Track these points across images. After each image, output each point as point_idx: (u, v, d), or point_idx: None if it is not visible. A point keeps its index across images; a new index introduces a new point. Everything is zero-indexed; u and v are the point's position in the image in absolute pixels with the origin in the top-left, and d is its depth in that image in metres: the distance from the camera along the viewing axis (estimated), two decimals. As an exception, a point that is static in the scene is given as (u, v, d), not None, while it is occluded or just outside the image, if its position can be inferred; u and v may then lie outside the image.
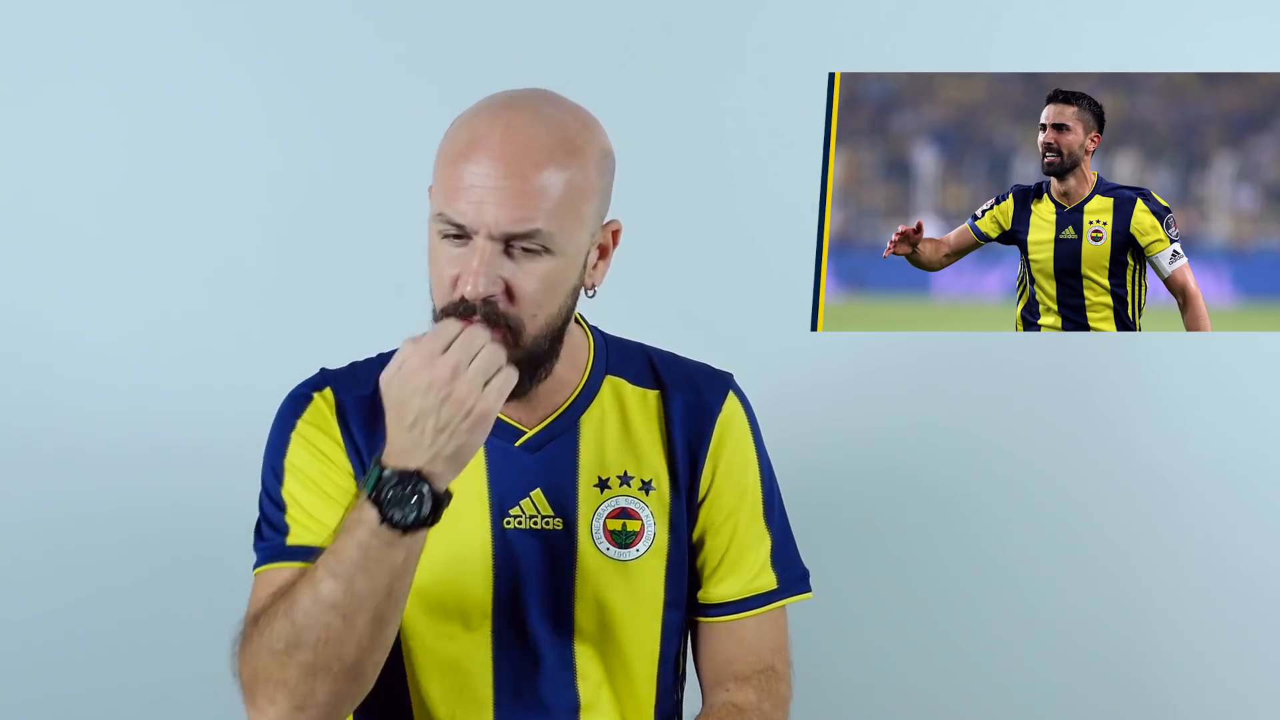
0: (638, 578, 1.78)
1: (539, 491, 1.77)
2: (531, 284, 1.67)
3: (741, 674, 1.80)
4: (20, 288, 2.53)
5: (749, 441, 1.84)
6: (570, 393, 1.79)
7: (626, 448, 1.80)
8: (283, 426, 1.78)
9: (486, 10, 2.55)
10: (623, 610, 1.78)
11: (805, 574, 1.86)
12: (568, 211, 1.67)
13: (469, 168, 1.65)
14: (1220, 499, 2.59)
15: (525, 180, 1.65)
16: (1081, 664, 2.61)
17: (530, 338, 1.68)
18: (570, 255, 1.69)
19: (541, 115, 1.68)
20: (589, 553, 1.77)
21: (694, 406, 1.82)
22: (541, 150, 1.66)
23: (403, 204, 2.51)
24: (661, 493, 1.80)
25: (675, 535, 1.80)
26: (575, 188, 1.68)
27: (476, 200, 1.65)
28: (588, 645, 1.78)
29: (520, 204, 1.65)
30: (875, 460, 2.60)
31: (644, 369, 1.83)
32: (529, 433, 1.78)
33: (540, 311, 1.68)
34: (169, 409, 2.54)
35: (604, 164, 1.72)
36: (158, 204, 2.53)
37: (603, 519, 1.78)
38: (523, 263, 1.67)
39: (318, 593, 1.60)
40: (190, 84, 2.52)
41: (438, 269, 1.70)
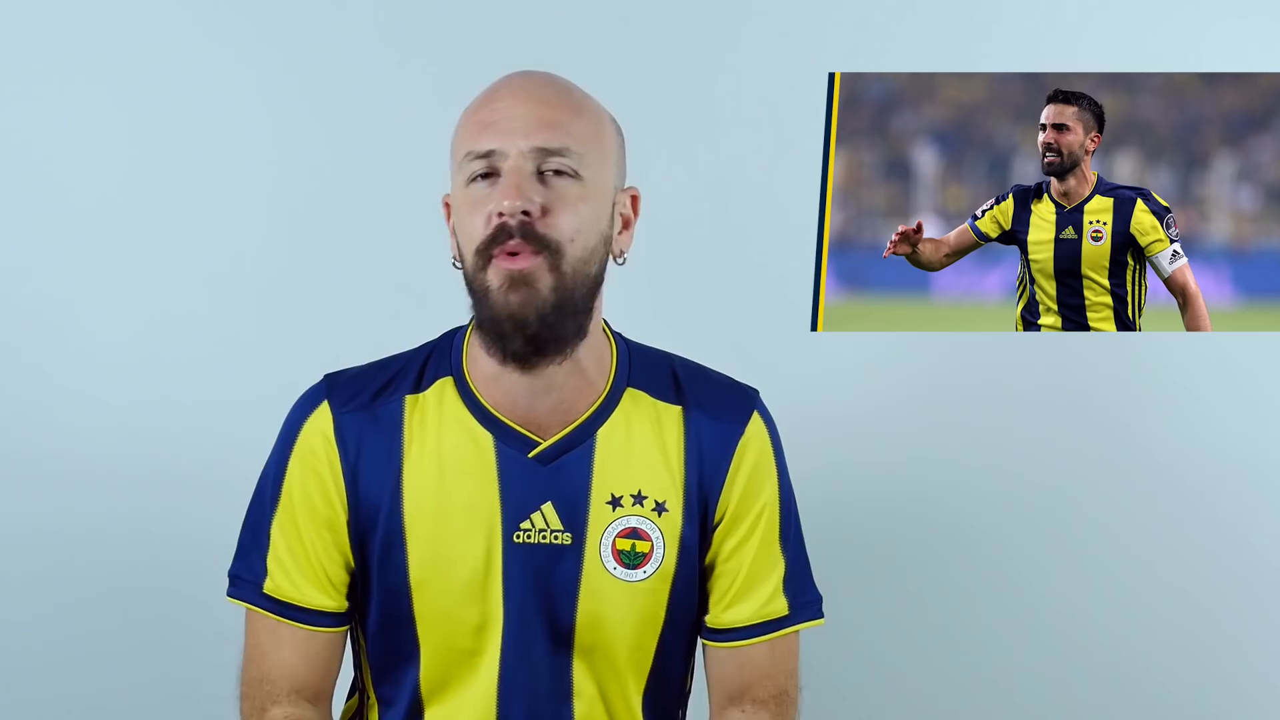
0: (641, 600, 1.75)
1: (550, 505, 1.74)
2: (567, 206, 1.66)
3: (756, 698, 1.78)
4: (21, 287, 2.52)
5: (770, 464, 1.79)
6: (589, 403, 1.75)
7: (643, 465, 1.76)
8: (285, 440, 1.77)
9: (486, 10, 2.55)
10: (623, 631, 1.75)
11: (818, 599, 1.82)
12: (593, 138, 1.69)
13: (493, 106, 1.68)
14: (1220, 499, 2.59)
15: (550, 106, 1.68)
16: (1081, 664, 2.61)
17: (570, 265, 1.66)
18: (599, 189, 1.69)
19: (557, 77, 1.73)
20: (595, 571, 1.74)
21: (716, 426, 1.77)
22: (563, 90, 1.70)
23: (403, 204, 2.51)
24: (674, 515, 1.76)
25: (685, 559, 1.76)
26: (598, 118, 1.71)
27: (505, 127, 1.66)
28: (585, 663, 1.76)
29: (549, 121, 1.66)
30: (875, 460, 2.60)
31: (667, 382, 1.79)
32: (543, 444, 1.74)
33: (579, 238, 1.67)
34: (169, 409, 2.54)
35: (617, 132, 1.75)
36: (157, 205, 2.53)
37: (612, 537, 1.74)
38: (556, 187, 1.66)
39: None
40: (189, 84, 2.52)
41: (467, 217, 1.67)
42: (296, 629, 1.75)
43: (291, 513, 1.75)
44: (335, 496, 1.74)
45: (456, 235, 1.70)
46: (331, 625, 1.77)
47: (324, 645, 1.77)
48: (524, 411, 1.74)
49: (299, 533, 1.75)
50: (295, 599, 1.75)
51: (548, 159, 1.66)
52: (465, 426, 1.74)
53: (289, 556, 1.75)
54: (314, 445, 1.75)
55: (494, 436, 1.74)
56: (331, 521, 1.75)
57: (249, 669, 1.77)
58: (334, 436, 1.74)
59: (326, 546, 1.75)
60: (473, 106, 1.71)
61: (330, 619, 1.76)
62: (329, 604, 1.76)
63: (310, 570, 1.74)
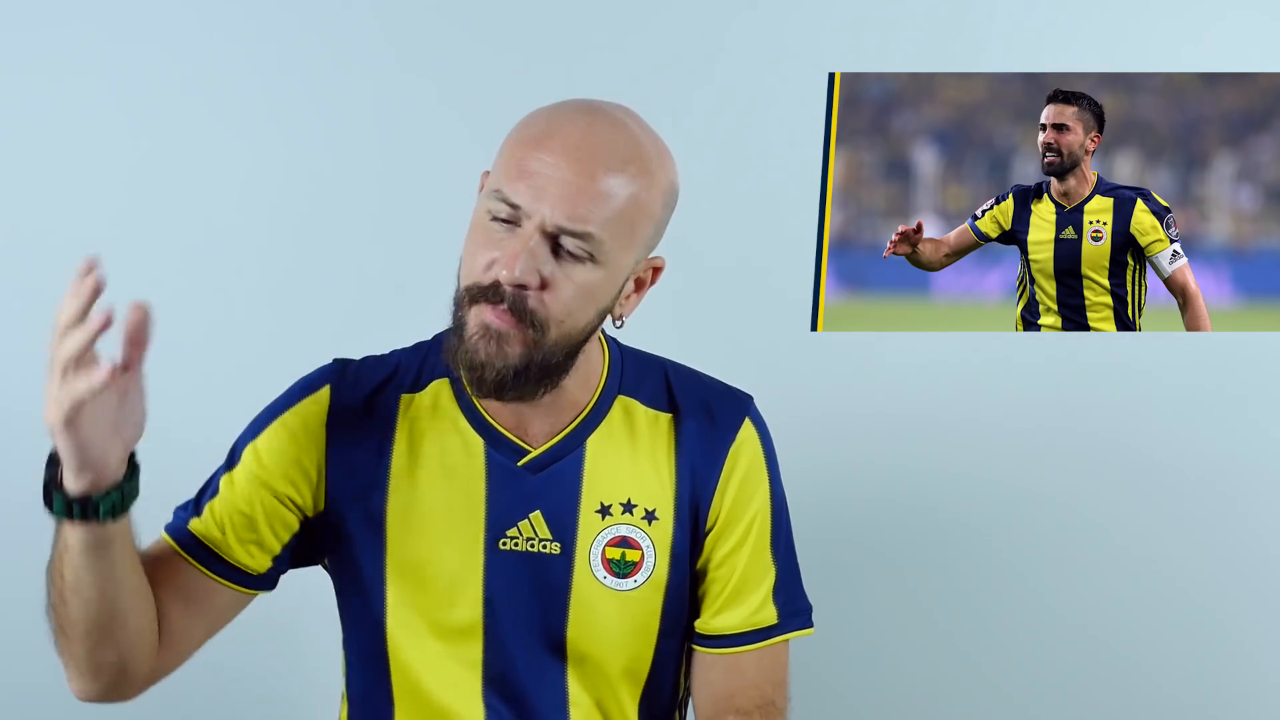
0: (633, 608, 1.74)
1: (539, 514, 1.73)
2: (569, 288, 1.63)
3: (741, 708, 1.75)
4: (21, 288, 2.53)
5: (762, 470, 1.77)
6: (579, 412, 1.74)
7: (633, 474, 1.74)
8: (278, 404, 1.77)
9: (486, 9, 2.55)
10: (616, 640, 1.74)
11: (808, 609, 1.80)
12: (624, 226, 1.64)
13: (539, 155, 1.62)
14: (1220, 499, 2.59)
15: (593, 180, 1.62)
16: (1080, 664, 2.61)
17: (550, 342, 1.64)
18: (613, 272, 1.65)
19: (624, 127, 1.66)
20: (585, 580, 1.73)
21: (708, 433, 1.76)
22: (616, 158, 1.63)
23: (403, 204, 2.52)
24: (664, 524, 1.74)
25: (676, 567, 1.75)
26: (638, 205, 1.65)
27: (539, 186, 1.61)
28: (578, 672, 1.75)
29: (582, 202, 1.61)
30: (874, 460, 2.60)
31: (659, 389, 1.78)
32: (533, 452, 1.73)
33: (569, 320, 1.64)
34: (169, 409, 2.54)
35: (669, 196, 1.70)
36: (158, 205, 2.53)
37: (602, 546, 1.73)
38: (566, 265, 1.62)
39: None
40: (190, 84, 2.52)
41: (475, 249, 1.64)
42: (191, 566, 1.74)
43: (259, 462, 1.74)
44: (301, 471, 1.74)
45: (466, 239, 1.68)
46: (224, 577, 1.73)
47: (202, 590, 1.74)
48: (515, 419, 1.73)
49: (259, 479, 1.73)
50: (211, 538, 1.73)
51: (566, 238, 1.62)
52: (458, 429, 1.74)
53: (234, 499, 1.74)
54: (306, 418, 1.74)
55: (485, 442, 1.73)
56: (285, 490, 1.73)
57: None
58: (326, 420, 1.74)
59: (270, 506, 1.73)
60: (531, 129, 1.65)
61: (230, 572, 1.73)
62: (245, 560, 1.73)
63: (249, 516, 1.73)
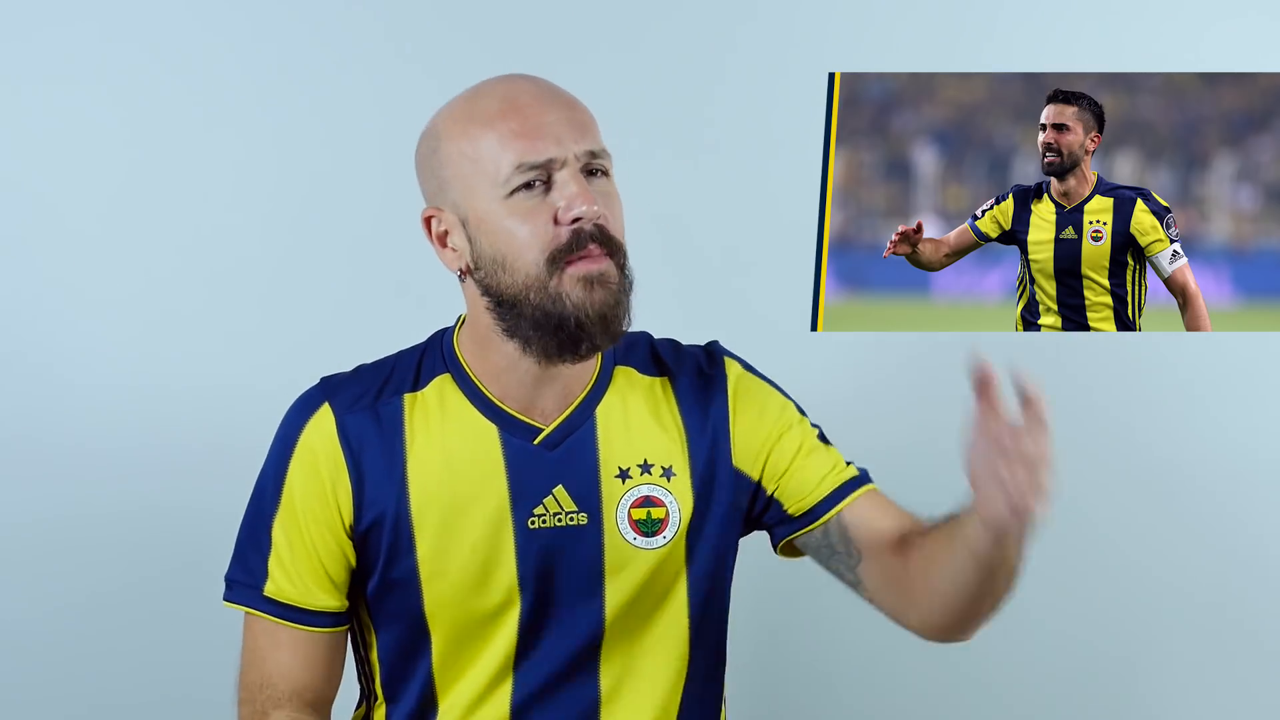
0: (666, 565, 1.77)
1: (561, 488, 1.76)
2: (613, 205, 1.70)
3: (904, 525, 1.83)
4: (21, 288, 2.53)
5: (761, 386, 1.85)
6: (584, 385, 1.78)
7: (644, 436, 1.79)
8: (285, 442, 1.77)
9: (486, 8, 2.55)
10: (652, 599, 1.77)
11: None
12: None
13: (526, 112, 1.68)
14: (1221, 499, 2.59)
15: (575, 109, 1.70)
16: (1080, 665, 2.61)
17: (627, 262, 1.71)
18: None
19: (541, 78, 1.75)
20: (615, 544, 1.76)
21: (701, 384, 1.82)
22: (564, 90, 1.72)
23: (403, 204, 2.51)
24: (683, 478, 1.78)
25: (698, 519, 1.78)
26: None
27: (553, 132, 1.67)
28: (614, 637, 1.77)
29: (587, 125, 1.70)
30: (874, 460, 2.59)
31: (648, 357, 1.83)
32: (546, 429, 1.76)
33: (623, 235, 1.71)
34: (169, 409, 2.54)
35: None
36: (158, 204, 2.53)
37: (627, 509, 1.77)
38: (600, 187, 1.69)
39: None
40: (189, 84, 2.52)
41: (520, 228, 1.67)
42: (296, 630, 1.76)
43: (294, 513, 1.75)
44: (336, 497, 1.75)
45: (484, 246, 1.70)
46: (331, 625, 1.77)
47: (324, 648, 1.78)
48: (525, 401, 1.76)
49: (301, 533, 1.75)
50: (297, 600, 1.75)
51: (593, 160, 1.69)
52: (469, 419, 1.76)
53: (291, 557, 1.75)
54: (315, 446, 1.75)
55: (498, 427, 1.76)
56: (331, 522, 1.75)
57: (248, 673, 1.78)
58: (338, 437, 1.75)
59: (329, 546, 1.75)
60: (490, 106, 1.70)
61: (330, 619, 1.77)
62: (332, 603, 1.77)
63: (314, 570, 1.75)
